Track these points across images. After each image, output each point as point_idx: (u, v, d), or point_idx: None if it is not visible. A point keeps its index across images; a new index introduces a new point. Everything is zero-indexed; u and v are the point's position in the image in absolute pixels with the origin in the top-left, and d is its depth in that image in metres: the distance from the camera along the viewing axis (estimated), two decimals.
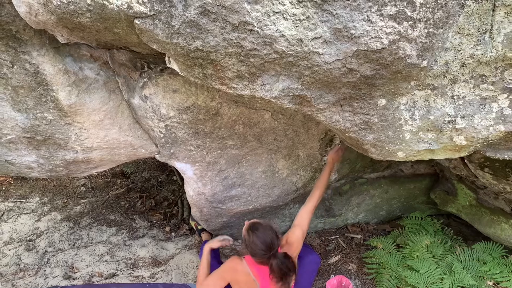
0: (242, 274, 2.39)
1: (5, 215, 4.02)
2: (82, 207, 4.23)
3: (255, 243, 2.26)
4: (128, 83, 2.26)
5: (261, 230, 2.32)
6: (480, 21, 1.52)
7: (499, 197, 2.91)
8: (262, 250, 2.23)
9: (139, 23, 1.51)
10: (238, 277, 2.41)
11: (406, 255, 3.13)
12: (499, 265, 2.86)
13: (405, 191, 3.75)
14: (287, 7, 1.41)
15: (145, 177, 4.97)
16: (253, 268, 2.36)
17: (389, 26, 1.45)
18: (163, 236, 3.81)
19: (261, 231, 2.31)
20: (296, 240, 2.51)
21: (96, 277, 3.18)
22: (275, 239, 2.29)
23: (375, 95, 1.73)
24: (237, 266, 2.41)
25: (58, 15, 1.56)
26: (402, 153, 1.94)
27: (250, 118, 2.44)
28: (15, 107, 2.13)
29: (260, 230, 2.31)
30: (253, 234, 2.31)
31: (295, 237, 2.52)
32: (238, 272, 2.40)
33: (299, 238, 2.53)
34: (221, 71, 1.63)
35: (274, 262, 2.23)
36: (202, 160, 2.62)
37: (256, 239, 2.26)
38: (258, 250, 2.24)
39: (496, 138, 1.81)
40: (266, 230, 2.32)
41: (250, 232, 2.33)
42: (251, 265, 2.37)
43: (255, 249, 2.25)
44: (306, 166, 2.97)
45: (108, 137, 2.42)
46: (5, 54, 1.93)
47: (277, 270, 2.23)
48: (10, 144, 2.29)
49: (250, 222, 2.40)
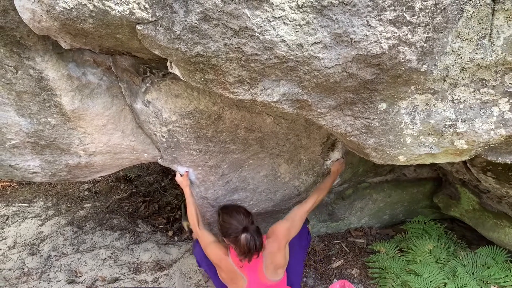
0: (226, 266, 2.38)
1: (9, 219, 4.04)
2: (85, 212, 4.25)
3: (225, 220, 2.32)
4: (130, 88, 2.28)
5: (230, 208, 2.44)
6: (479, 26, 1.53)
7: (502, 201, 2.90)
8: (234, 226, 2.26)
9: (141, 29, 1.53)
10: (222, 265, 2.40)
11: (409, 260, 3.12)
12: (503, 270, 2.84)
13: (408, 195, 3.75)
14: (287, 13, 1.42)
15: (148, 181, 4.99)
16: (237, 261, 2.32)
17: (388, 30, 1.45)
18: (166, 241, 3.81)
19: (230, 209, 2.42)
20: (280, 231, 2.48)
21: (99, 281, 3.19)
22: (246, 214, 2.33)
23: (375, 99, 1.73)
24: (222, 255, 2.40)
25: (61, 21, 1.58)
26: (403, 157, 1.94)
27: (252, 123, 2.45)
28: (19, 112, 2.15)
29: (229, 208, 2.42)
30: (222, 213, 2.40)
31: (280, 227, 2.50)
32: (222, 261, 2.39)
33: (284, 230, 2.49)
34: (222, 76, 1.64)
35: (243, 236, 2.20)
36: (205, 165, 2.63)
37: (226, 217, 2.33)
38: (230, 227, 2.27)
39: (497, 142, 1.81)
40: (235, 207, 2.44)
41: (220, 212, 2.43)
42: (235, 259, 2.33)
43: (227, 227, 2.28)
44: (308, 170, 2.97)
45: (111, 142, 2.44)
46: (9, 59, 1.96)
47: (244, 243, 2.19)
48: (14, 149, 2.31)
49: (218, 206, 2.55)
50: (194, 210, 2.61)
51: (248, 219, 2.32)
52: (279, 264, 2.44)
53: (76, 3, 1.48)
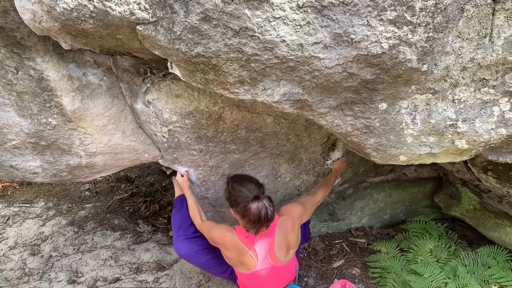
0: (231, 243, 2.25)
1: (10, 219, 4.05)
2: (86, 212, 4.25)
3: (235, 188, 2.19)
4: (131, 89, 2.28)
5: (241, 176, 2.32)
6: (480, 25, 1.53)
7: (503, 201, 2.90)
8: (245, 195, 2.13)
9: (141, 29, 1.53)
10: (227, 243, 2.27)
11: (410, 259, 3.12)
12: (503, 269, 2.84)
13: (409, 195, 3.75)
14: (288, 13, 1.42)
15: (149, 181, 4.99)
16: (245, 239, 2.23)
17: (389, 30, 1.46)
18: (167, 241, 3.81)
19: (241, 177, 2.30)
20: (294, 211, 2.38)
21: (100, 282, 3.19)
22: (258, 184, 2.21)
23: (376, 99, 1.73)
24: (226, 232, 2.29)
25: (61, 21, 1.58)
26: (404, 157, 1.94)
27: (252, 123, 2.45)
28: (20, 112, 2.15)
29: (240, 177, 2.31)
30: (232, 181, 2.26)
31: (295, 208, 2.41)
32: (226, 238, 2.27)
33: (298, 211, 2.40)
34: (222, 76, 1.64)
35: (254, 205, 2.09)
36: (205, 165, 2.63)
37: (236, 185, 2.20)
38: (240, 195, 2.14)
39: (498, 142, 1.81)
40: (246, 176, 2.33)
41: (229, 180, 2.30)
42: (241, 236, 2.25)
43: (237, 195, 2.16)
44: (309, 170, 2.97)
45: (111, 142, 2.44)
46: (10, 60, 1.96)
47: (255, 212, 2.07)
48: (15, 149, 2.31)
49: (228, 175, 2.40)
50: (196, 208, 2.54)
51: (260, 189, 2.20)
52: (291, 244, 2.34)
53: (76, 4, 1.48)
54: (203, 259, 2.59)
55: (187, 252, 2.58)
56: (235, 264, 2.36)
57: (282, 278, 2.39)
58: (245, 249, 2.23)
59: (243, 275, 2.36)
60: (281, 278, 2.38)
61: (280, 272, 2.34)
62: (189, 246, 2.57)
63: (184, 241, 2.59)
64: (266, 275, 2.29)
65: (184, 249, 2.59)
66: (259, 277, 2.30)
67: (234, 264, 2.37)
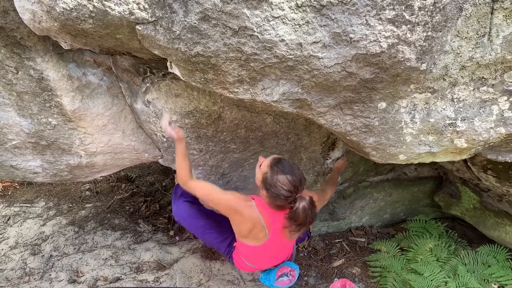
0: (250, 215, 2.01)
1: (11, 219, 4.05)
2: (87, 212, 4.26)
3: (281, 181, 1.91)
4: (131, 88, 2.29)
5: (288, 167, 1.95)
6: (478, 24, 1.53)
7: (503, 200, 2.90)
8: (289, 191, 1.90)
9: (140, 29, 1.53)
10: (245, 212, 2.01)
11: (410, 258, 3.12)
12: (503, 268, 2.84)
13: (409, 194, 3.75)
14: (287, 12, 1.43)
15: (149, 181, 4.99)
16: (265, 212, 2.02)
17: (387, 29, 1.46)
18: (167, 240, 3.81)
19: (288, 168, 1.95)
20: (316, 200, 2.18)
21: (100, 281, 3.19)
22: (303, 179, 1.97)
23: (375, 98, 1.73)
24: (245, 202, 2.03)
25: (61, 21, 1.58)
26: (403, 156, 1.95)
27: (252, 122, 2.45)
28: (20, 112, 2.16)
29: (287, 167, 1.95)
30: (279, 170, 1.94)
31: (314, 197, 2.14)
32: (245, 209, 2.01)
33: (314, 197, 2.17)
34: (222, 76, 1.65)
35: (301, 205, 1.89)
36: (205, 164, 2.63)
37: (283, 177, 1.90)
38: (284, 191, 1.90)
39: (497, 141, 1.81)
40: (293, 167, 1.97)
41: (275, 168, 1.95)
42: (262, 209, 2.02)
43: (279, 189, 1.91)
44: (309, 169, 2.98)
45: (111, 142, 2.44)
46: (10, 60, 1.96)
47: (302, 215, 1.89)
48: (15, 149, 2.32)
49: (274, 157, 2.02)
50: (187, 162, 2.14)
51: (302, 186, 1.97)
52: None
53: (76, 4, 1.48)
54: (202, 222, 2.43)
55: (187, 212, 2.42)
56: (243, 235, 2.16)
57: (282, 254, 2.34)
58: (262, 224, 2.04)
59: (247, 246, 2.20)
60: (280, 255, 2.33)
61: (282, 249, 2.28)
62: (190, 207, 2.41)
63: (185, 203, 2.45)
64: (270, 250, 2.21)
65: (184, 210, 2.44)
66: (263, 251, 2.19)
67: (241, 235, 2.17)
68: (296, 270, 2.44)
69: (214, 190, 2.07)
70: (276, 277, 2.40)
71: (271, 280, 2.40)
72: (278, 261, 2.39)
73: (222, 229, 2.43)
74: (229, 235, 2.40)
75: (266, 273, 2.43)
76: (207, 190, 2.09)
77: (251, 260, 2.32)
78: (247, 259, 2.33)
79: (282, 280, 2.40)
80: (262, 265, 2.37)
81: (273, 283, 2.39)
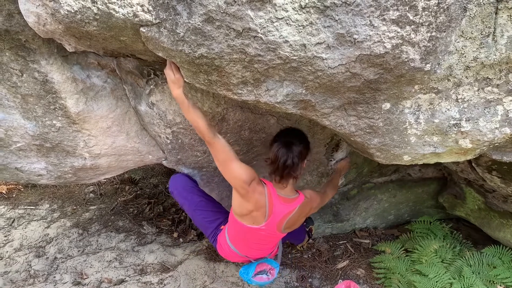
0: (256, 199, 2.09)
1: (15, 222, 4.06)
2: (91, 214, 4.27)
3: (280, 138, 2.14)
4: (135, 90, 2.29)
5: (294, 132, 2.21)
6: (483, 24, 1.52)
7: (508, 201, 2.89)
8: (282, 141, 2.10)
9: (144, 31, 1.54)
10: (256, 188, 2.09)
11: (415, 260, 3.11)
12: (509, 269, 2.83)
13: (413, 195, 3.73)
14: (290, 13, 1.43)
15: (153, 183, 5.00)
16: (272, 201, 2.12)
17: (391, 30, 1.45)
18: (171, 242, 3.82)
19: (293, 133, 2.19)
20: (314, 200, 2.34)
21: (105, 283, 3.20)
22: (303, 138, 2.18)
23: (379, 99, 1.73)
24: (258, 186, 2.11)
25: (65, 24, 1.59)
26: (408, 157, 1.94)
27: (255, 124, 2.46)
28: (25, 115, 2.17)
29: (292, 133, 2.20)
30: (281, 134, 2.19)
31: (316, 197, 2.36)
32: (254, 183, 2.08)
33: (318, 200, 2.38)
34: (225, 77, 1.65)
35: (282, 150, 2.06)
36: (209, 166, 2.63)
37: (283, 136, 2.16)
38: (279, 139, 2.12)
39: (502, 141, 1.81)
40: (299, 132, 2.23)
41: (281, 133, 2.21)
42: (270, 198, 2.12)
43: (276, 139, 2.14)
44: (312, 170, 2.98)
45: (115, 144, 2.45)
46: (14, 63, 1.97)
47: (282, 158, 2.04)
48: (20, 151, 2.33)
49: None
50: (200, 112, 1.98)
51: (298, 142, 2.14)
52: (296, 225, 2.34)
53: (80, 6, 1.49)
54: (197, 199, 2.49)
55: (183, 185, 2.47)
56: (241, 214, 2.19)
57: (269, 244, 2.37)
58: (265, 210, 2.13)
59: (240, 225, 2.24)
60: (267, 244, 2.36)
61: (270, 239, 2.33)
62: (187, 181, 2.47)
63: (183, 176, 2.53)
64: (260, 236, 2.25)
65: (181, 182, 2.49)
66: (254, 233, 2.23)
67: (240, 213, 2.20)
68: (276, 269, 2.47)
69: (234, 159, 2.07)
70: (254, 272, 2.41)
71: (249, 274, 2.40)
72: (264, 250, 2.38)
73: (213, 210, 2.48)
74: (219, 217, 2.45)
75: (246, 267, 2.45)
76: (228, 156, 2.06)
77: (238, 242, 2.32)
78: (233, 241, 2.33)
79: (261, 276, 2.41)
80: (247, 251, 2.37)
81: (251, 277, 2.40)
